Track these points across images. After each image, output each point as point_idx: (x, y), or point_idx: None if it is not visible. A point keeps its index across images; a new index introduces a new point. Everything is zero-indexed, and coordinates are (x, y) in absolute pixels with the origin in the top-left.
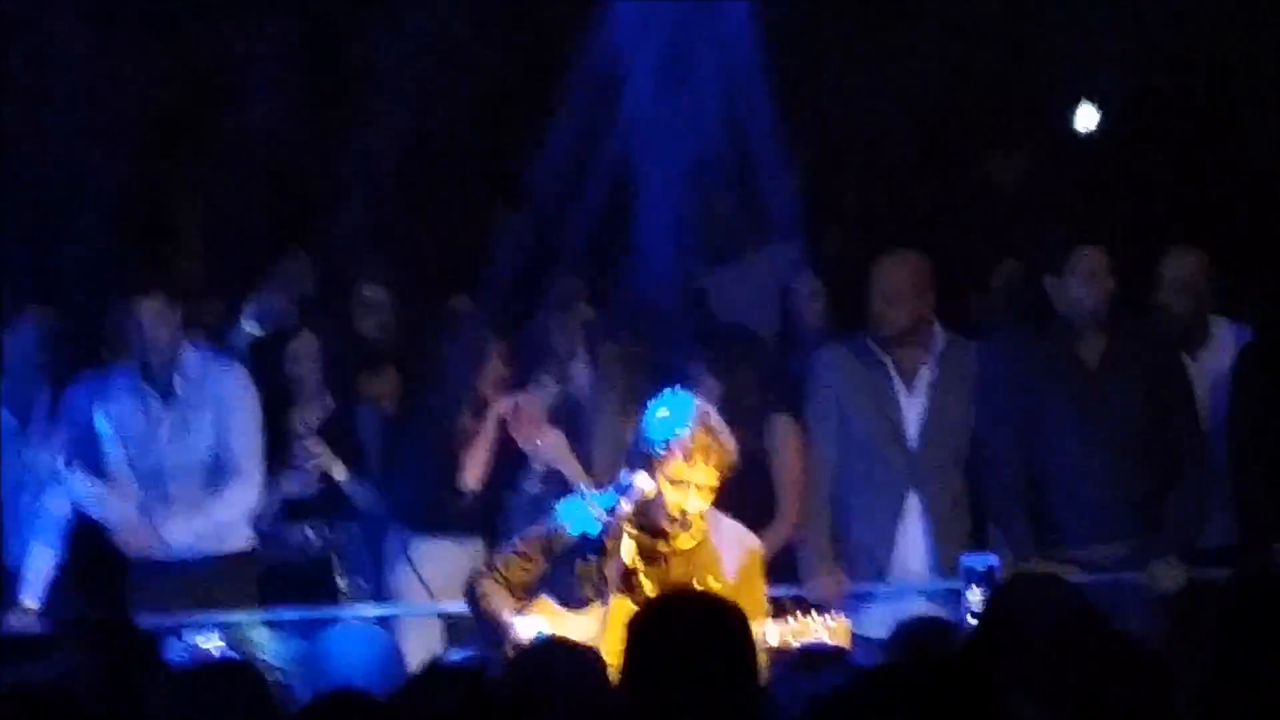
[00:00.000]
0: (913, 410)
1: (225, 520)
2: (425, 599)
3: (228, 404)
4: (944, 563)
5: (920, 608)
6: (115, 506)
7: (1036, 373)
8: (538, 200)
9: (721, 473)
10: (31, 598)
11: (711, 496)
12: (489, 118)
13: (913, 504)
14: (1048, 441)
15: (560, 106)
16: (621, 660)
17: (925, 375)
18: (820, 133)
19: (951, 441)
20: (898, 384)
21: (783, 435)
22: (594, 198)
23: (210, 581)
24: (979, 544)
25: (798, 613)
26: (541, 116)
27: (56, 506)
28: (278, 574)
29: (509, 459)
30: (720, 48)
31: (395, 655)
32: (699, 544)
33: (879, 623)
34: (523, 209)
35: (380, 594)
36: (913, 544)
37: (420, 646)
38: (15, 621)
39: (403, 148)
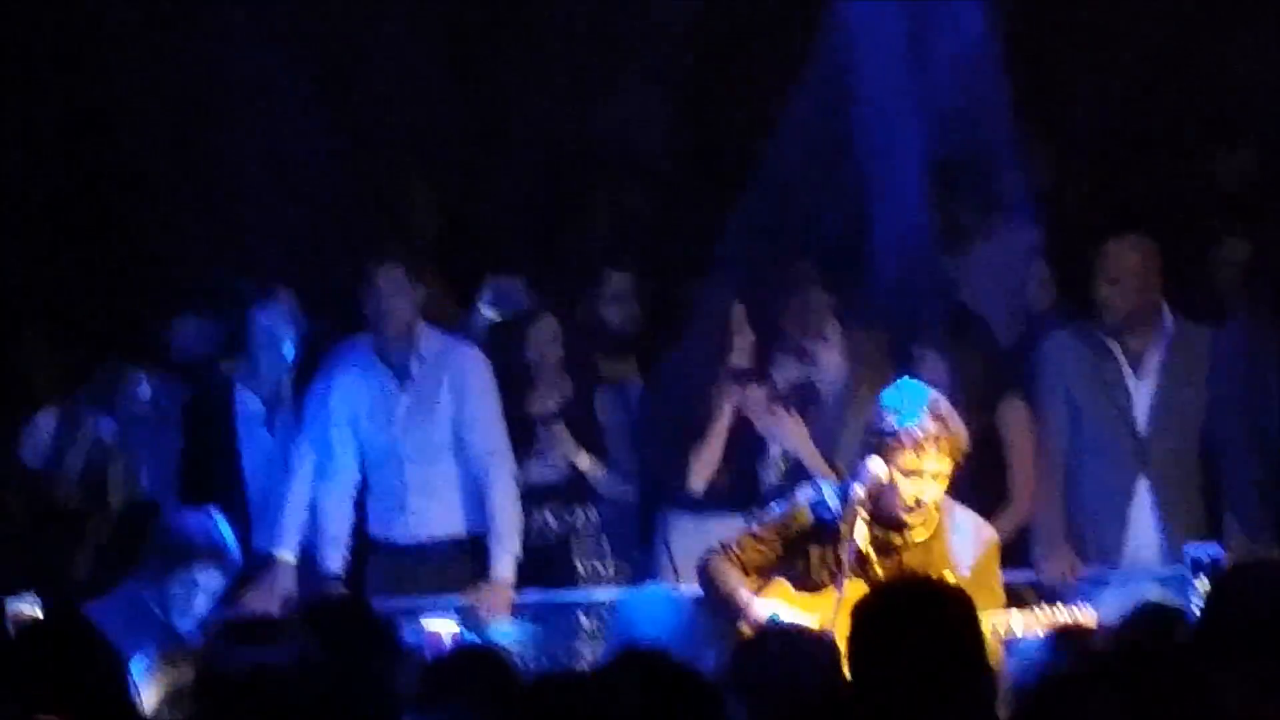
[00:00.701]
0: (1142, 396)
1: (514, 510)
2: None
3: (467, 388)
4: (1175, 549)
5: (1153, 594)
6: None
7: (1271, 360)
8: (775, 189)
9: (954, 460)
10: (289, 549)
11: (945, 484)
12: (729, 106)
13: (1143, 489)
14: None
15: (797, 95)
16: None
17: (1154, 360)
18: (1053, 123)
19: (1182, 428)
20: (1126, 369)
21: (1015, 418)
22: (832, 186)
23: (446, 564)
24: (1215, 532)
25: (1043, 603)
26: (779, 105)
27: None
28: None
29: (750, 445)
30: (954, 37)
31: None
32: (934, 536)
33: (1110, 608)
34: (761, 197)
35: (628, 577)
36: (1144, 530)
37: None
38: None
39: (646, 136)
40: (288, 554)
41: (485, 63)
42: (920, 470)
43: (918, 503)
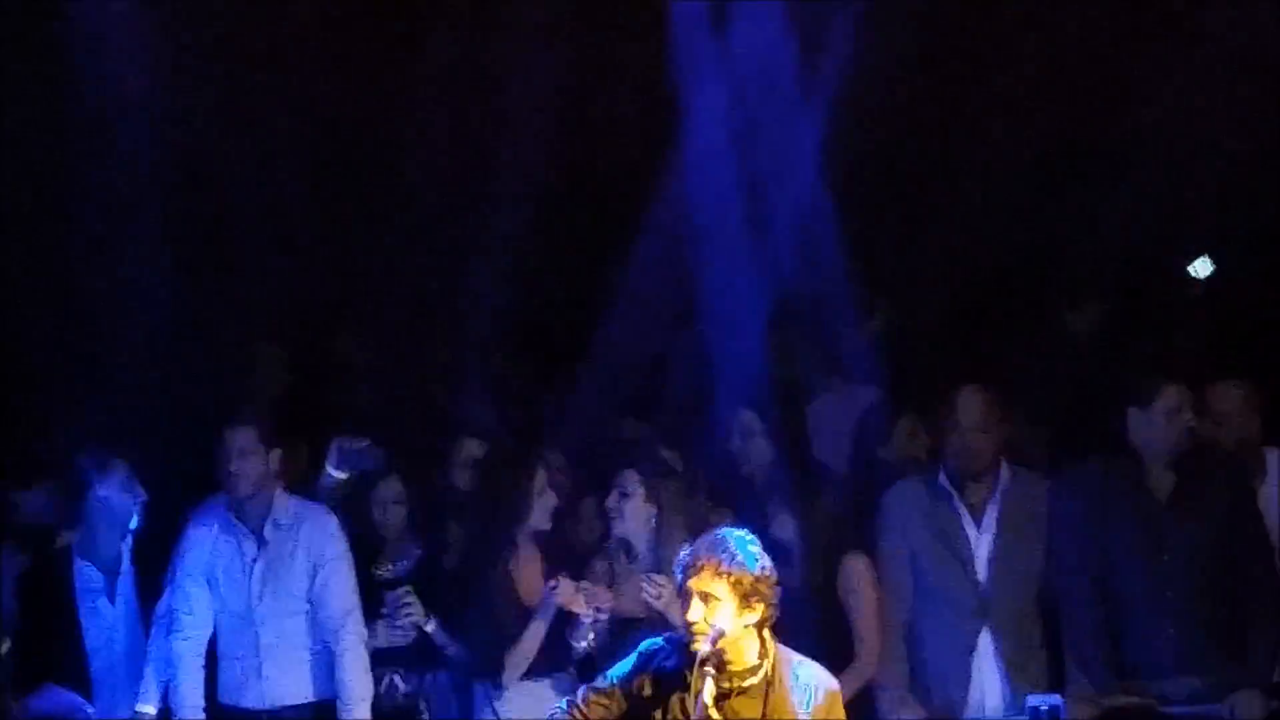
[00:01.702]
0: (982, 547)
1: (364, 677)
2: None
3: (323, 553)
4: (1019, 699)
5: None
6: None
7: (1108, 507)
8: (611, 344)
9: (732, 587)
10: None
11: (722, 609)
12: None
13: (985, 641)
14: (1122, 576)
15: (633, 253)
16: None
17: (993, 511)
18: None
19: (1022, 578)
20: (967, 520)
21: (857, 575)
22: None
23: None
24: (1058, 681)
25: None
26: (612, 266)
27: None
28: None
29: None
30: (794, 194)
31: None
32: (770, 683)
33: None
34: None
35: None
36: (988, 681)
37: None
38: None
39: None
40: (150, 708)
41: (337, 222)
42: (690, 590)
43: (689, 623)
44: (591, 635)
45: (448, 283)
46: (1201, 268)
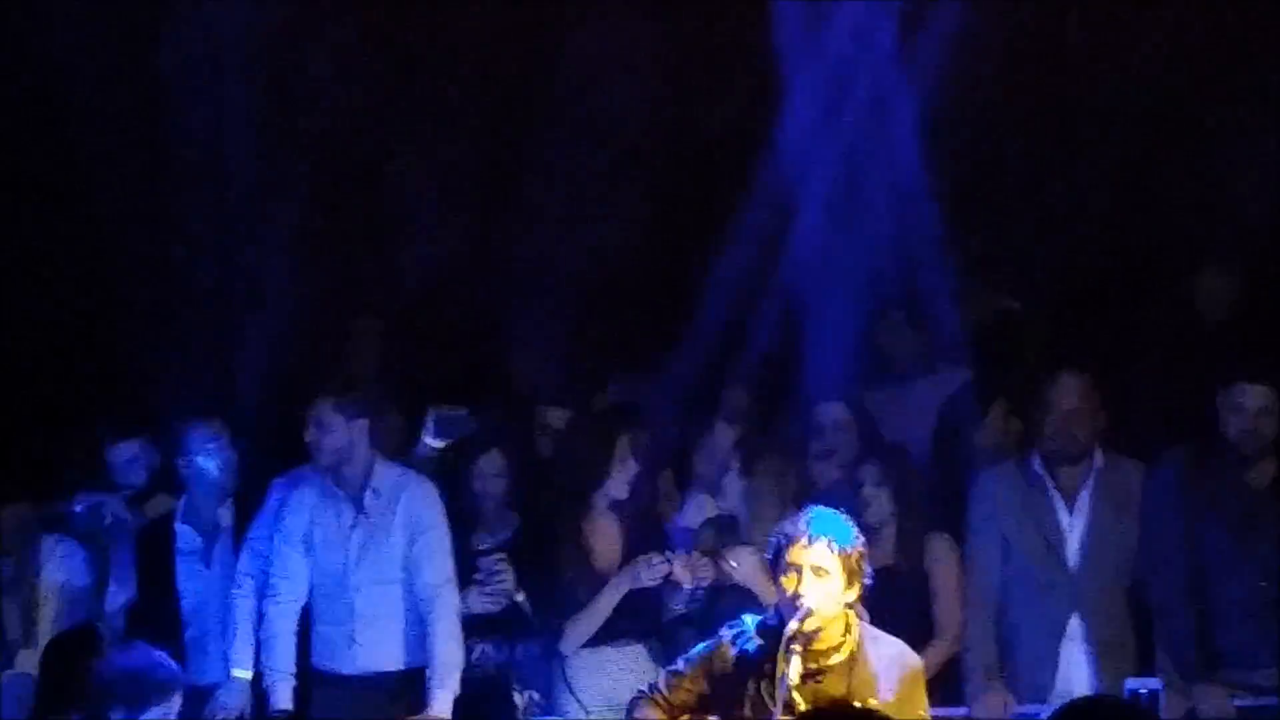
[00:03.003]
0: (1073, 531)
1: (457, 648)
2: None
3: (420, 522)
4: (1108, 685)
5: None
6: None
7: (1203, 495)
8: (708, 318)
9: (844, 562)
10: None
11: (834, 585)
12: (663, 238)
13: (1075, 625)
14: (1215, 565)
15: (733, 227)
16: None
17: (1086, 496)
18: (993, 262)
19: (1113, 563)
20: (1059, 504)
21: (942, 555)
22: (764, 317)
23: (387, 697)
24: (1146, 667)
25: None
26: (714, 237)
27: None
28: None
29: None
30: (893, 173)
31: None
32: (854, 661)
33: None
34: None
35: (552, 712)
36: (1076, 666)
37: None
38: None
39: (576, 268)
40: (245, 672)
41: (436, 196)
42: (799, 564)
43: (797, 596)
44: (687, 602)
45: (543, 253)
46: None
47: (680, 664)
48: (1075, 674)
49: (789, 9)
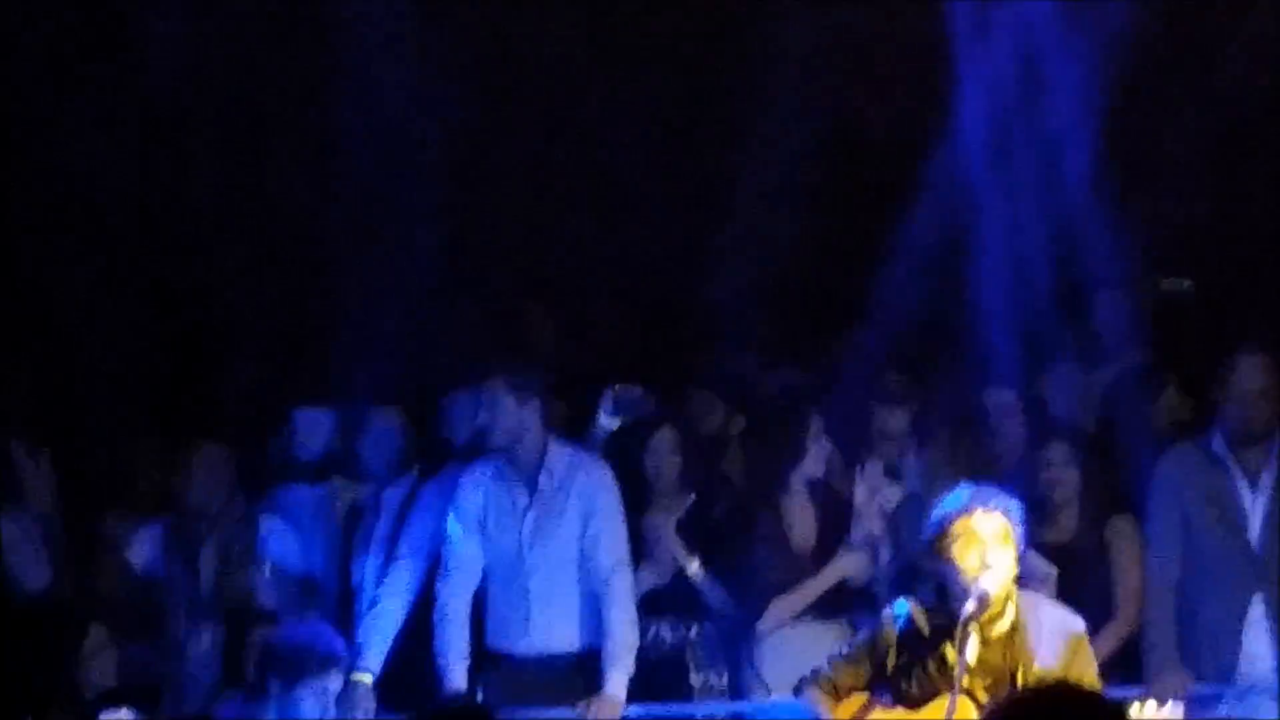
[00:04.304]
0: (1257, 511)
1: (631, 629)
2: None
3: (595, 504)
4: None
5: (1268, 710)
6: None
7: None
8: (878, 306)
9: (1016, 538)
10: (368, 668)
11: (1010, 555)
12: (832, 231)
13: (1258, 605)
14: None
15: (904, 219)
16: None
17: (1270, 477)
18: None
19: None
20: (1242, 484)
21: (1123, 535)
22: (934, 302)
23: (562, 678)
24: None
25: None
26: (884, 231)
27: (402, 589)
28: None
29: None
30: (1062, 159)
31: None
32: (1015, 630)
33: None
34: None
35: (734, 692)
36: (1259, 645)
37: None
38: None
39: (751, 258)
40: (367, 676)
41: (609, 182)
42: (972, 528)
43: (983, 565)
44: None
45: (723, 240)
46: None
47: (845, 647)
48: (1260, 654)
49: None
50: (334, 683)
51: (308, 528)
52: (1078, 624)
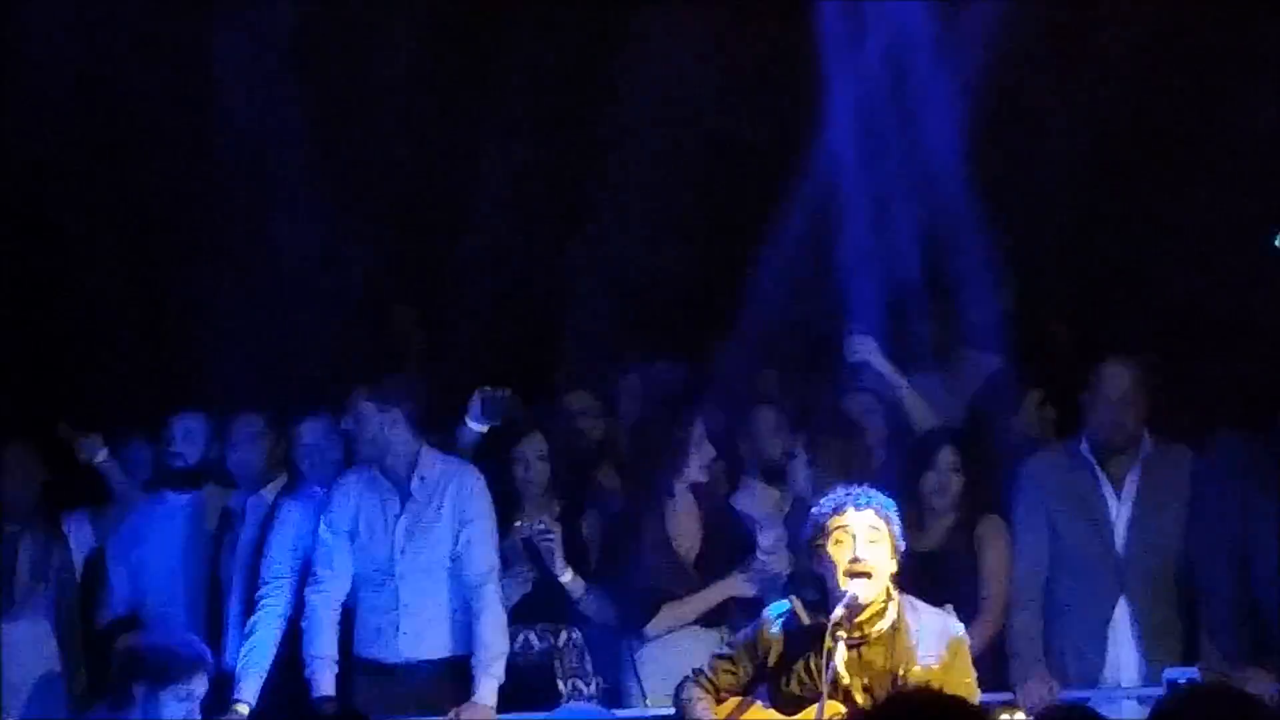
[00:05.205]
0: (1122, 516)
1: (502, 636)
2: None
3: (468, 511)
4: (1154, 671)
5: (1134, 713)
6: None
7: (1251, 483)
8: (750, 309)
9: (886, 530)
10: (246, 700)
11: (883, 550)
12: (706, 237)
13: (1122, 611)
14: (1262, 553)
15: (776, 220)
16: None
17: (1134, 482)
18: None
19: (1161, 549)
20: (1107, 489)
21: (992, 536)
22: (800, 302)
23: (430, 685)
24: (1192, 654)
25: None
26: (753, 234)
27: (275, 604)
28: None
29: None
30: (931, 165)
31: None
32: (895, 631)
33: None
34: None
35: (606, 699)
36: (1123, 652)
37: None
38: None
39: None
40: (244, 707)
41: (466, 191)
42: (845, 526)
43: (855, 561)
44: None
45: (593, 247)
46: None
47: (725, 648)
48: (1123, 659)
49: (830, 8)
50: (199, 687)
51: (179, 533)
52: (958, 627)
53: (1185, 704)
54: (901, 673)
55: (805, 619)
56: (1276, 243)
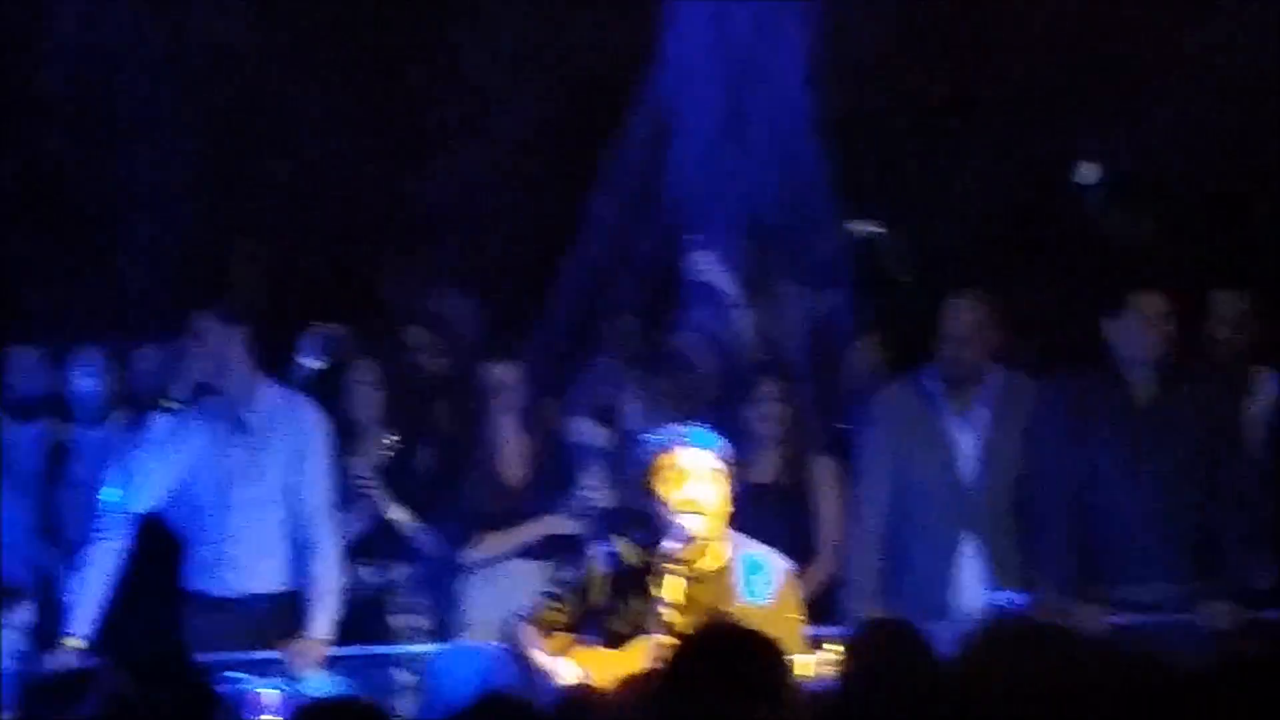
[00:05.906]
0: (967, 448)
1: (337, 571)
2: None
3: (304, 444)
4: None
5: None
6: None
7: (1088, 415)
8: (592, 240)
9: (723, 468)
10: (79, 634)
11: (718, 496)
12: (548, 159)
13: (969, 543)
14: (1099, 484)
15: (617, 154)
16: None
17: (980, 413)
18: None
19: (1006, 481)
20: (952, 420)
21: (826, 475)
22: (645, 240)
23: (264, 620)
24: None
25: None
26: (597, 159)
27: (109, 538)
28: None
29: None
30: (776, 95)
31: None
32: (724, 569)
33: None
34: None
35: (440, 634)
36: (969, 584)
37: None
38: (60, 659)
39: (464, 187)
40: (77, 640)
41: (310, 122)
42: (675, 463)
43: (685, 500)
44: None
45: (437, 185)
46: (1089, 174)
47: (552, 586)
48: (970, 590)
49: None
50: (21, 615)
51: (13, 468)
52: (787, 564)
53: (992, 641)
54: (729, 610)
55: (633, 558)
56: (1075, 178)
